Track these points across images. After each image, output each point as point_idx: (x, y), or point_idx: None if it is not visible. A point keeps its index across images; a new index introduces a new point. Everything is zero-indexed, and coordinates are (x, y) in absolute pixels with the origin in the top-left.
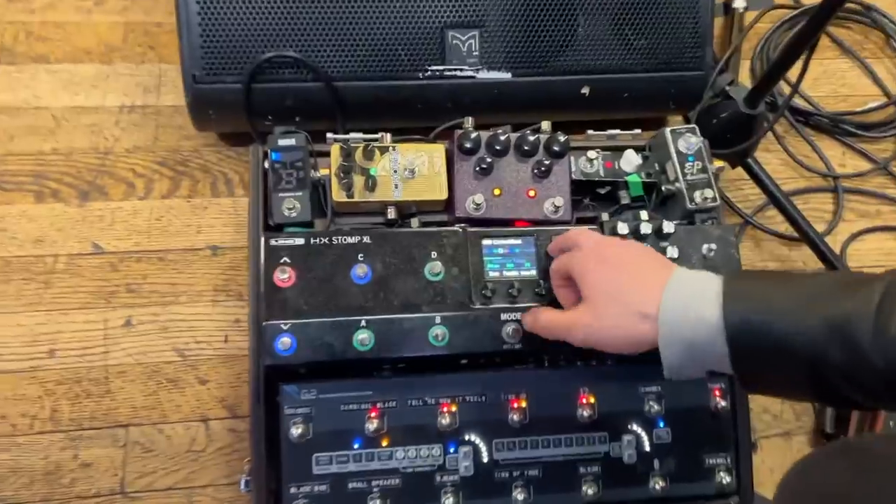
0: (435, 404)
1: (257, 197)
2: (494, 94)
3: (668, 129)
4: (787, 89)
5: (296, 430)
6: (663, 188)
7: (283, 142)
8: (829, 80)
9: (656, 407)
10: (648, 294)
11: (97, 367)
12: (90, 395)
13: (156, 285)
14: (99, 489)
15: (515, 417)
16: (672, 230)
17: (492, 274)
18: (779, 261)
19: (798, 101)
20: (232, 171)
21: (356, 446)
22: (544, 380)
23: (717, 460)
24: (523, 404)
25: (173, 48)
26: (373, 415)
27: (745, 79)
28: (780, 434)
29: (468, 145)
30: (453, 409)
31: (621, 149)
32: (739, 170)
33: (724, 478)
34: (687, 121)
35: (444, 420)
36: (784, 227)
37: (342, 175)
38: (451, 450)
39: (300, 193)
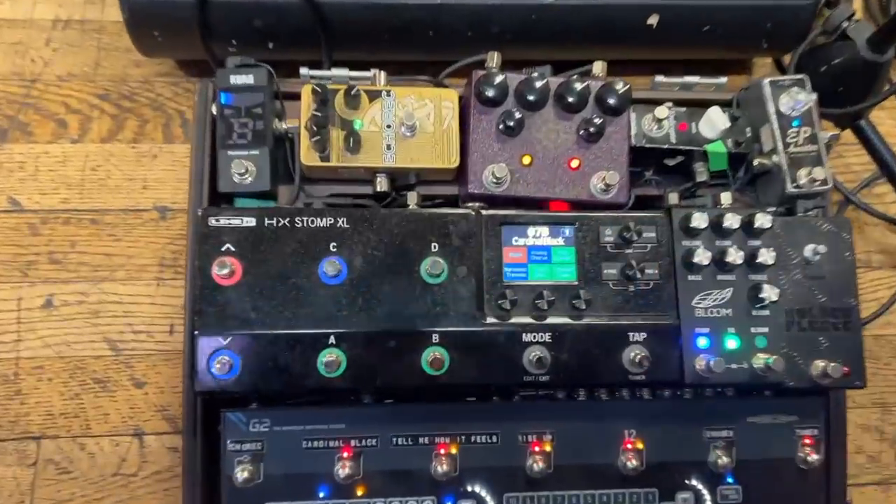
0: (429, 444)
1: (202, 155)
2: (531, 21)
3: (766, 80)
4: None
5: (241, 472)
6: (755, 162)
7: (236, 79)
8: None
9: (725, 458)
10: None
11: (5, 361)
12: None
13: (86, 255)
14: None
15: (536, 466)
16: (768, 224)
17: (513, 276)
18: (886, 252)
19: None
20: (190, 109)
21: (322, 496)
22: (577, 416)
23: None
24: (547, 448)
25: None
26: (345, 455)
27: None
28: (877, 483)
29: (490, 93)
30: (453, 450)
31: (700, 104)
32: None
33: None
34: (779, 66)
35: (441, 466)
36: None
37: (314, 129)
38: None
39: (256, 152)
